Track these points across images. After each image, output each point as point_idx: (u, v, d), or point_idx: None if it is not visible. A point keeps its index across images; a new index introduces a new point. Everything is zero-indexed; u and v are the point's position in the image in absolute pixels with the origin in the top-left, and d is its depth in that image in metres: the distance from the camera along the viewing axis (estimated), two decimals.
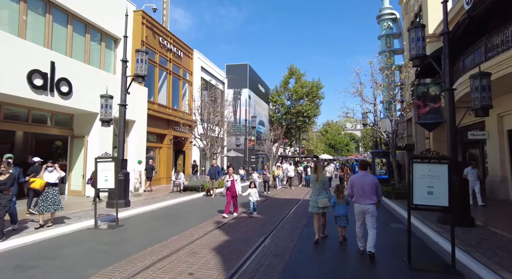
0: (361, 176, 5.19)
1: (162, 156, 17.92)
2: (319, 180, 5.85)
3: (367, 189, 4.96)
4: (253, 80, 29.02)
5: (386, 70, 14.40)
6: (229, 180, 8.46)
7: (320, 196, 5.79)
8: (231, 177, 8.51)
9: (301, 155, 38.16)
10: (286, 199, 12.40)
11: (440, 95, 7.41)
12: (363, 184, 5.00)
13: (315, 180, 5.88)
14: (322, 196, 5.78)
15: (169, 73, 18.69)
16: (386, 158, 18.35)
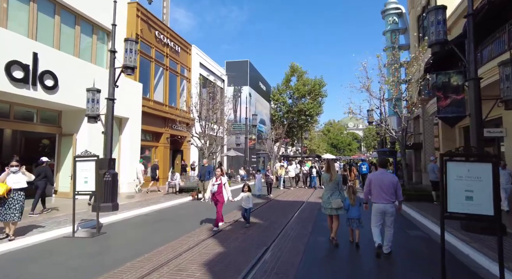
0: (380, 174, 5.00)
1: (159, 155, 17.11)
2: (333, 180, 5.58)
3: (385, 187, 4.76)
4: (253, 78, 28.19)
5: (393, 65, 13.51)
6: (216, 184, 6.73)
7: (333, 196, 5.53)
8: (219, 180, 6.77)
9: (303, 154, 37.29)
10: (288, 201, 11.56)
11: (463, 85, 6.55)
12: (382, 182, 4.80)
13: (328, 179, 5.60)
14: (335, 196, 5.52)
15: (166, 68, 17.89)
16: (393, 157, 17.50)
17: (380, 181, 4.84)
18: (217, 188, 6.71)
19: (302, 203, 10.87)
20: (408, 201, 10.70)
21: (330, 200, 5.49)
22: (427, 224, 7.22)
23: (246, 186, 7.30)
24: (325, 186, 5.75)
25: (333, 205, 5.45)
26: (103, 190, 8.18)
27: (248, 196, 7.15)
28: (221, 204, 6.75)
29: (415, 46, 18.83)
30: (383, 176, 4.90)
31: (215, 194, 6.71)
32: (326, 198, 5.60)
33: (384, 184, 4.79)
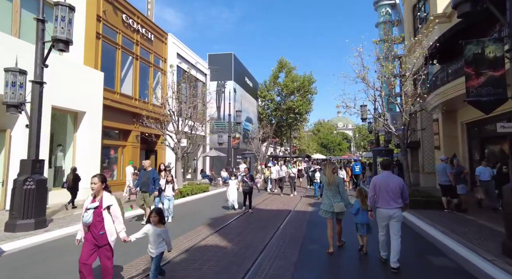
0: (385, 176, 4.64)
1: (127, 156, 15.01)
2: (331, 183, 5.23)
3: (392, 191, 4.45)
4: (239, 72, 26.29)
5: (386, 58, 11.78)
6: (91, 208, 3.33)
7: (335, 199, 5.19)
8: (97, 200, 3.38)
9: (292, 154, 35.63)
10: (271, 210, 9.68)
11: (503, 58, 4.82)
12: (387, 185, 4.49)
13: (327, 182, 5.29)
14: (337, 199, 5.19)
15: (136, 58, 15.80)
16: (389, 157, 15.89)
17: (386, 185, 4.49)
18: (92, 216, 3.28)
19: (288, 213, 9.03)
20: (414, 208, 9.01)
21: (333, 203, 5.14)
22: (452, 246, 5.47)
23: (153, 213, 3.74)
24: (325, 190, 5.42)
25: (336, 209, 5.10)
26: (22, 202, 6.13)
27: (159, 234, 3.65)
28: (107, 251, 3.33)
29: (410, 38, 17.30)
30: (389, 179, 4.55)
31: (90, 228, 3.31)
32: (327, 202, 5.24)
33: (390, 188, 4.46)
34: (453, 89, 11.50)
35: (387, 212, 4.43)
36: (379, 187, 4.55)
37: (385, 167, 4.78)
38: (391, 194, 4.43)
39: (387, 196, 4.45)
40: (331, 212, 5.12)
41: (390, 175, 4.69)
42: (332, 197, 5.18)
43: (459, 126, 14.76)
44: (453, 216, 8.01)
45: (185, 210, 9.57)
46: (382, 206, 4.51)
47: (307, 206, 10.38)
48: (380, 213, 4.54)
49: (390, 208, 4.42)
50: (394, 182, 4.49)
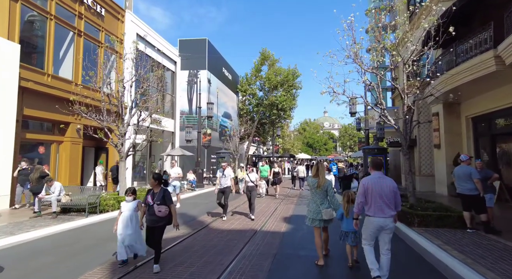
0: (377, 178, 3.88)
1: (64, 155, 12.06)
2: (321, 186, 4.56)
3: (386, 195, 3.75)
4: (215, 61, 23.54)
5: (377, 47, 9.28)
6: None
7: (323, 205, 4.57)
8: None
9: (275, 154, 33.18)
10: (228, 231, 7.01)
11: None
12: (381, 189, 3.77)
13: (316, 185, 4.58)
14: (325, 205, 4.57)
15: (79, 34, 12.84)
16: (382, 156, 13.62)
17: (380, 188, 3.78)
18: None
19: (253, 235, 6.43)
20: (423, 226, 6.62)
21: (320, 210, 4.53)
22: None
23: None
24: (312, 194, 4.71)
25: (324, 216, 4.51)
26: None
27: None
28: None
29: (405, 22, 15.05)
30: (382, 182, 3.83)
31: None
32: (314, 208, 4.61)
33: (385, 192, 3.76)
34: (465, 72, 9.25)
35: (381, 222, 3.77)
36: (371, 191, 3.83)
37: (377, 167, 4.04)
38: (386, 200, 3.79)
39: (381, 202, 3.79)
40: (318, 220, 4.58)
41: (383, 176, 3.97)
42: (320, 202, 4.62)
43: (463, 121, 12.62)
44: (481, 239, 5.65)
45: (98, 235, 6.71)
46: (375, 214, 3.79)
47: (280, 222, 7.80)
48: (372, 223, 3.83)
49: (385, 216, 3.77)
50: (388, 185, 3.84)
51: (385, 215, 3.74)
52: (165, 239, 5.70)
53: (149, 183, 7.88)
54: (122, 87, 10.53)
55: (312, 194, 4.72)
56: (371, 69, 8.56)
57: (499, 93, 10.01)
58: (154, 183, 4.50)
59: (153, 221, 4.37)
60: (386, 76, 9.56)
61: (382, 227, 3.77)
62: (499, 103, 10.21)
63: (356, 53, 8.60)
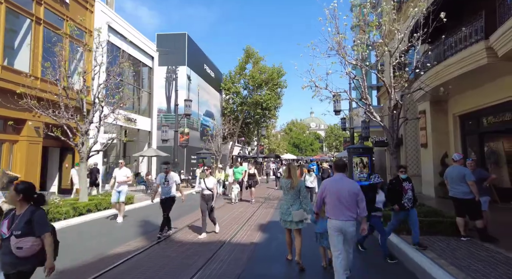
0: (337, 180, 3.79)
1: (19, 156, 10.80)
2: (294, 187, 4.52)
3: (345, 199, 3.61)
4: (195, 57, 22.49)
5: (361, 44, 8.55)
6: None
7: (294, 206, 4.51)
8: None
9: (260, 154, 32.38)
10: (192, 244, 6.08)
11: None
12: (340, 191, 3.65)
13: (289, 186, 4.53)
14: (296, 206, 4.50)
15: (38, 22, 11.60)
16: (368, 156, 13.00)
17: (338, 190, 3.66)
18: None
19: (218, 248, 5.53)
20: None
21: (291, 211, 4.49)
22: None
23: None
24: (285, 195, 4.69)
25: (295, 218, 4.43)
26: None
27: None
28: None
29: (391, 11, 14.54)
30: (341, 184, 3.71)
31: None
32: (285, 209, 4.59)
33: (342, 195, 3.61)
34: (454, 66, 8.67)
35: (339, 225, 3.57)
36: (329, 193, 3.71)
37: (339, 169, 3.89)
38: (344, 202, 3.60)
39: (338, 203, 3.62)
40: (289, 222, 4.51)
41: (344, 178, 3.79)
42: (291, 203, 4.54)
43: (450, 119, 12.15)
44: (478, 250, 4.96)
45: None
46: (334, 217, 3.64)
47: (254, 231, 6.93)
48: (332, 225, 3.64)
49: (342, 219, 3.56)
50: (347, 187, 3.64)
51: (344, 218, 3.58)
52: (111, 256, 4.75)
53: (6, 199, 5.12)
54: (82, 80, 9.42)
55: (285, 195, 4.66)
56: (355, 60, 7.83)
57: (488, 89, 9.52)
58: (16, 198, 2.63)
59: (8, 264, 2.54)
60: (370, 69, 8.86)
61: (342, 230, 3.59)
62: (488, 99, 9.71)
63: (339, 43, 7.86)
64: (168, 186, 6.44)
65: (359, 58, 7.92)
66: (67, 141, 9.44)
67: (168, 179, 6.45)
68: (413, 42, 7.72)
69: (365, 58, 8.29)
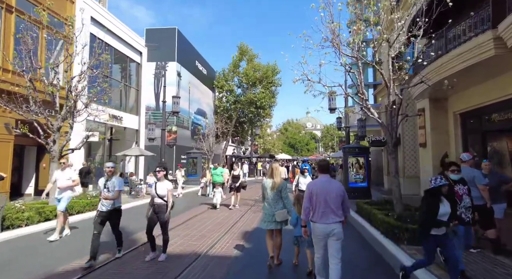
0: (323, 182, 3.61)
1: None
2: (276, 187, 4.46)
3: (332, 201, 3.49)
4: (186, 53, 21.67)
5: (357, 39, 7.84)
6: None
7: (277, 207, 4.44)
8: None
9: (254, 154, 31.64)
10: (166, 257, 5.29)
11: None
12: (327, 193, 3.50)
13: (270, 186, 4.49)
14: (279, 206, 4.45)
15: (9, 10, 10.75)
16: (364, 156, 12.35)
17: (326, 192, 3.50)
18: None
19: (194, 261, 4.78)
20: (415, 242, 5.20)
21: (273, 211, 4.42)
22: None
23: None
24: (266, 195, 4.57)
25: (277, 218, 4.38)
26: None
27: None
28: None
29: None
30: (328, 185, 3.55)
31: None
32: (268, 210, 4.51)
33: (330, 197, 3.48)
34: (457, 59, 8.00)
35: (326, 229, 3.44)
36: (316, 195, 3.52)
37: (323, 170, 3.73)
38: (332, 205, 3.48)
39: (326, 207, 3.48)
40: (273, 222, 4.41)
41: (330, 180, 3.64)
42: (274, 204, 4.47)
43: (451, 118, 11.49)
44: (492, 265, 4.27)
45: None
46: (319, 221, 3.49)
47: (236, 239, 6.19)
48: (317, 229, 3.51)
49: (329, 222, 3.45)
50: (334, 189, 3.53)
51: (329, 221, 3.45)
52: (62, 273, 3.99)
53: None
54: (53, 72, 8.60)
55: (267, 196, 4.55)
56: (351, 49, 7.12)
57: (493, 84, 8.87)
58: None
59: None
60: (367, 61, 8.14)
61: (328, 233, 3.45)
62: (492, 96, 9.07)
63: (333, 31, 7.14)
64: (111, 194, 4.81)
65: (355, 48, 7.19)
66: (36, 138, 8.61)
67: (108, 185, 4.79)
68: (414, 31, 7.03)
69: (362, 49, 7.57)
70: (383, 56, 8.07)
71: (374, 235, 6.07)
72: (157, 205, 4.80)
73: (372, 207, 7.59)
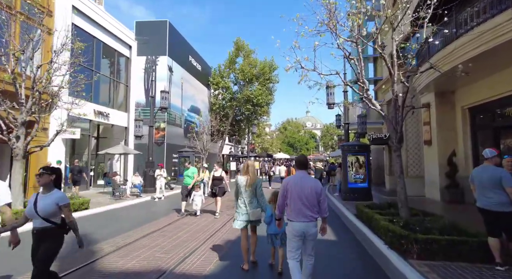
0: (299, 178, 3.46)
1: None
2: (251, 184, 4.28)
3: (306, 198, 3.33)
4: (178, 47, 20.77)
5: None
6: None
7: (251, 204, 4.29)
8: None
9: (251, 153, 30.74)
10: (119, 274, 4.30)
11: None
12: (302, 190, 3.36)
13: (245, 184, 4.30)
14: (253, 205, 4.31)
15: None
16: (365, 154, 11.45)
17: (300, 188, 3.36)
18: None
19: None
20: (426, 257, 4.32)
21: (247, 210, 4.26)
22: None
23: None
24: (241, 193, 4.36)
25: (251, 216, 4.23)
26: None
27: None
28: None
29: None
30: (303, 182, 3.39)
31: None
32: (242, 208, 4.33)
33: (305, 194, 3.33)
34: (471, 44, 7.09)
35: (302, 227, 3.28)
36: (291, 192, 3.39)
37: (301, 166, 3.56)
38: (306, 202, 3.32)
39: (301, 204, 3.32)
40: (247, 221, 4.27)
41: (306, 176, 3.50)
42: (249, 202, 4.29)
43: (458, 113, 10.61)
44: None
45: None
46: (295, 219, 3.32)
47: (214, 251, 5.30)
48: (293, 227, 3.33)
49: (306, 221, 3.28)
50: (310, 186, 3.36)
51: (307, 219, 3.31)
52: None
53: None
54: (14, 57, 7.70)
55: (241, 194, 4.38)
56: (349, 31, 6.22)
57: (506, 75, 7.99)
58: None
59: None
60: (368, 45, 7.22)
61: (304, 232, 3.31)
62: (506, 88, 8.18)
63: (330, 10, 6.23)
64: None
65: (354, 29, 6.29)
66: None
67: None
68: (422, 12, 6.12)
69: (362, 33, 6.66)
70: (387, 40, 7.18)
71: (376, 244, 5.19)
72: (37, 230, 3.00)
73: (373, 211, 6.70)
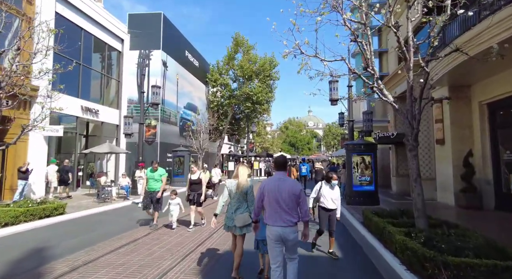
0: (276, 180, 3.25)
1: None
2: (241, 188, 4.02)
3: (284, 201, 3.15)
4: (174, 41, 19.85)
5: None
6: None
7: (239, 210, 4.01)
8: None
9: (250, 153, 29.80)
10: None
11: None
12: (279, 193, 3.17)
13: (235, 188, 4.07)
14: (241, 209, 4.02)
15: None
16: (371, 154, 10.49)
17: (277, 191, 3.17)
18: None
19: None
20: None
21: (234, 215, 3.99)
22: None
23: None
24: (231, 197, 4.12)
25: (236, 222, 3.91)
26: None
27: None
28: None
29: None
30: (281, 185, 3.19)
31: None
32: (230, 213, 4.07)
33: (282, 196, 3.14)
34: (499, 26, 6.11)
35: (280, 231, 3.11)
36: (267, 195, 3.21)
37: (279, 167, 3.40)
38: (284, 205, 3.15)
39: (278, 207, 3.15)
40: (233, 226, 3.98)
41: (284, 178, 3.29)
42: (236, 207, 4.03)
43: (476, 109, 9.63)
44: None
45: None
46: (273, 223, 3.16)
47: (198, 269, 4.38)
48: (270, 232, 3.18)
49: (283, 225, 3.12)
50: (287, 188, 3.17)
51: (284, 224, 3.10)
52: None
53: None
54: None
55: (231, 199, 4.10)
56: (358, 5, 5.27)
57: None
58: None
59: None
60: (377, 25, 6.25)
61: (282, 237, 3.11)
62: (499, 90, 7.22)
63: None
64: None
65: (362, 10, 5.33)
66: None
67: None
68: None
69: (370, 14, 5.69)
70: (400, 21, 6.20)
71: (389, 263, 4.27)
72: None
73: (384, 220, 5.72)
